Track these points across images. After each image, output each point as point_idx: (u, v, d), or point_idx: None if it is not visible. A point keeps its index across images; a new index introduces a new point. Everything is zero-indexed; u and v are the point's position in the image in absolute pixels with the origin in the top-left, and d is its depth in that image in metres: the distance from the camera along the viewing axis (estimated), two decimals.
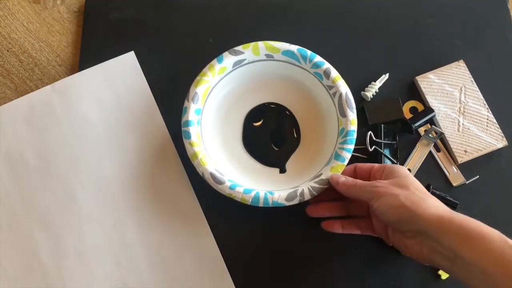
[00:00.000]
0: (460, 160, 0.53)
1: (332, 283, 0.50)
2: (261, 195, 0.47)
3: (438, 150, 0.54)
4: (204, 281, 0.50)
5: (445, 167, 0.53)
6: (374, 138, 0.52)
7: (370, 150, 0.51)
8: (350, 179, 0.46)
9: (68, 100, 0.56)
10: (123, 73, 0.58)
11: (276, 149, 0.54)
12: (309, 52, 0.51)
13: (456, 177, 0.53)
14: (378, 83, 0.55)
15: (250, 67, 0.54)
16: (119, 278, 0.50)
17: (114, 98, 0.57)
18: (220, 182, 0.48)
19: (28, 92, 0.57)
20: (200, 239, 0.51)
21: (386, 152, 0.52)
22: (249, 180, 0.51)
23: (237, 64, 0.53)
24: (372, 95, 0.55)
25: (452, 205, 0.51)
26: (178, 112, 0.51)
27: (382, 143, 0.53)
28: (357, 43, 0.59)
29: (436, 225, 0.37)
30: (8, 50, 0.55)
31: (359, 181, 0.45)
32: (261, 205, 0.47)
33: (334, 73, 0.51)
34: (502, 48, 0.58)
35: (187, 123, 0.50)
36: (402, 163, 0.53)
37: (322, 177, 0.48)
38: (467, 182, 0.52)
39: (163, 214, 0.52)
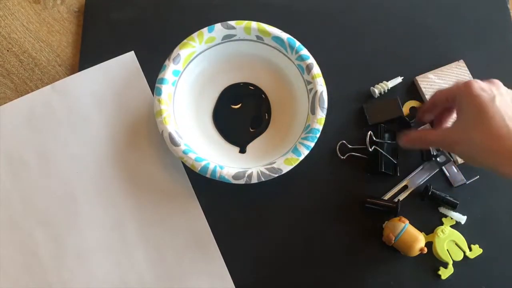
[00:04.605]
0: (460, 160, 0.53)
1: (332, 282, 0.50)
2: (211, 166, 0.48)
3: (438, 150, 0.54)
4: (204, 281, 0.50)
5: (445, 167, 0.53)
6: (374, 138, 0.52)
7: (370, 150, 0.51)
8: (415, 136, 0.46)
9: (68, 100, 0.56)
10: (123, 73, 0.58)
11: (243, 129, 0.55)
12: (297, 44, 0.51)
13: (456, 177, 0.53)
14: (390, 84, 0.55)
15: (239, 44, 0.54)
16: (119, 278, 0.50)
17: (114, 98, 0.57)
18: (176, 144, 0.48)
19: (28, 92, 0.57)
20: (200, 238, 0.51)
21: (386, 152, 0.52)
22: (206, 151, 0.52)
23: (226, 38, 0.53)
24: (380, 93, 0.55)
25: (452, 205, 0.51)
26: None
27: (382, 143, 0.52)
28: (357, 43, 0.59)
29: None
30: (8, 50, 0.55)
31: (428, 136, 0.44)
32: (208, 176, 0.48)
33: (316, 69, 0.51)
34: (502, 48, 0.58)
35: (162, 81, 0.51)
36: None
37: (274, 165, 0.48)
38: (467, 182, 0.52)
39: (163, 214, 0.52)
